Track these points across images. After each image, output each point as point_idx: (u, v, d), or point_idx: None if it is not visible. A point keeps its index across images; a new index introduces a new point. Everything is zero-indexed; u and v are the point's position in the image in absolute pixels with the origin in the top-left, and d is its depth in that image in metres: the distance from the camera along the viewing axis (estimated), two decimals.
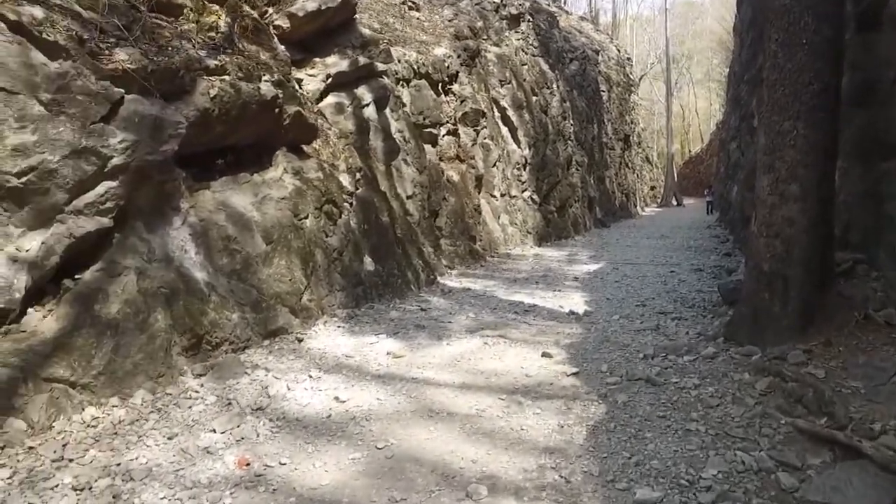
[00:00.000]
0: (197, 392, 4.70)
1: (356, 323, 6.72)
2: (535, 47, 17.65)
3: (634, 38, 50.70)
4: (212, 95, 5.72)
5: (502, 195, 14.61)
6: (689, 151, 63.24)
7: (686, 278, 9.95)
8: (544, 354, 5.52)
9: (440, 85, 12.50)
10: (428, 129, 11.70)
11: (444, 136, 12.44)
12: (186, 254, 5.49)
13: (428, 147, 11.71)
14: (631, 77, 33.93)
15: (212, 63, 5.92)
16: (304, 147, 7.50)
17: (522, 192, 15.64)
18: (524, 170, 15.77)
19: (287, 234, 6.47)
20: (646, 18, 61.14)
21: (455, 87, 13.08)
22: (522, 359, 5.48)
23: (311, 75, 8.73)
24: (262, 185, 6.52)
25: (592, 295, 8.68)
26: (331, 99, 8.90)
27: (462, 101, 13.12)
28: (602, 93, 24.84)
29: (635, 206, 30.88)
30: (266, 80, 6.40)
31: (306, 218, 6.84)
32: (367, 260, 7.86)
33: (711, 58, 53.33)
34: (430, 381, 4.99)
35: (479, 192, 13.37)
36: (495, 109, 14.86)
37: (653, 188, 41.38)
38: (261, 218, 6.30)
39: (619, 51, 31.40)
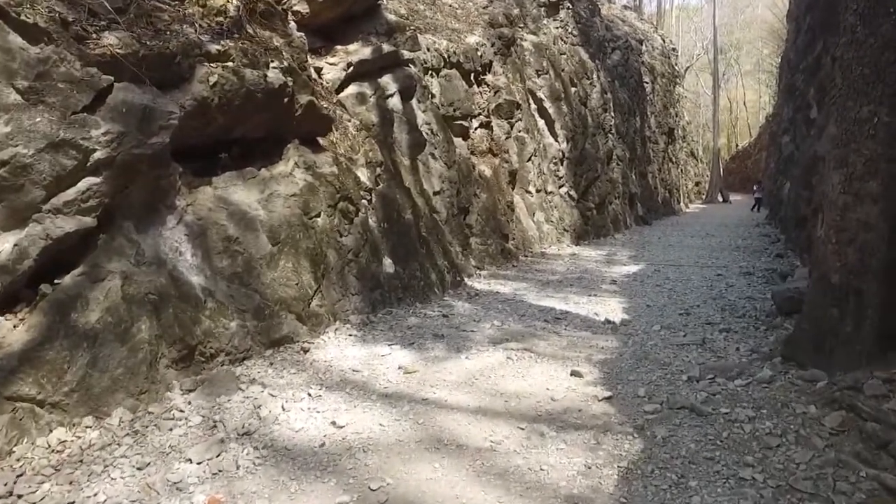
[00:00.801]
0: (181, 411, 4.23)
1: (370, 330, 6.20)
2: (575, 36, 16.85)
3: (680, 29, 49.02)
4: (211, 83, 5.25)
5: (538, 191, 13.92)
6: (736, 146, 61.11)
7: (735, 283, 9.14)
8: (574, 373, 4.89)
9: (472, 75, 11.89)
10: (458, 122, 11.10)
11: (475, 128, 11.84)
12: (181, 256, 5.04)
13: (458, 140, 11.13)
14: (676, 68, 32.63)
15: (213, 48, 5.45)
16: (320, 140, 7.01)
17: (559, 187, 14.92)
18: (561, 164, 15.04)
19: (296, 234, 5.98)
20: (692, 8, 59.23)
21: (488, 77, 12.45)
22: (549, 377, 4.87)
23: (331, 64, 8.23)
24: (270, 181, 6.04)
25: (631, 301, 7.97)
26: (352, 89, 8.39)
27: (496, 92, 12.48)
28: (645, 84, 23.81)
29: (679, 203, 29.70)
30: (274, 67, 5.91)
31: (318, 216, 6.34)
32: (387, 261, 7.34)
33: (762, 48, 51.24)
34: (443, 403, 4.42)
35: (512, 188, 12.73)
36: (531, 101, 14.17)
37: (697, 184, 39.91)
38: (267, 216, 5.82)
39: (664, 41, 30.17)
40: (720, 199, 38.49)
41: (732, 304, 7.61)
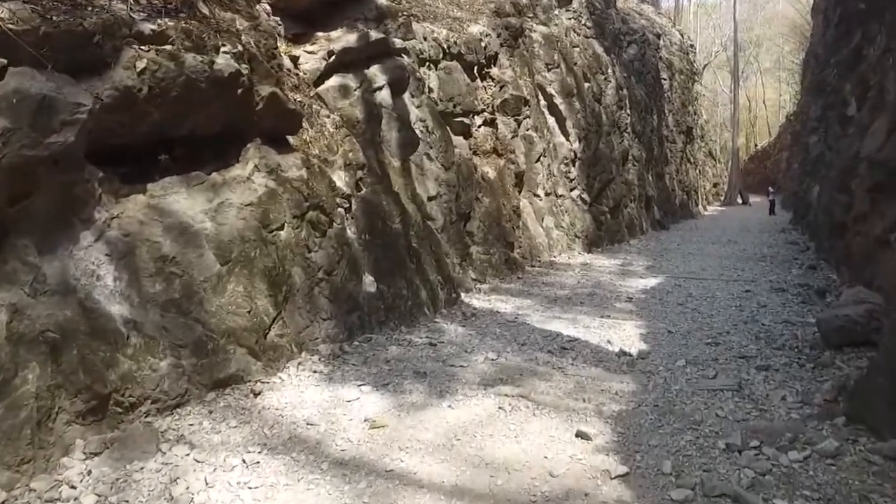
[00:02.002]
0: (73, 487, 3.29)
1: (340, 365, 5.23)
2: (589, 28, 15.78)
3: (698, 25, 47.65)
4: (139, 69, 4.30)
5: (547, 194, 12.89)
6: (756, 145, 59.55)
7: (767, 301, 8.07)
8: (580, 434, 3.89)
9: (476, 68, 10.89)
10: (459, 119, 10.11)
11: (478, 126, 10.83)
12: (99, 281, 4.11)
13: (458, 139, 10.13)
14: (694, 65, 31.40)
15: (147, 28, 4.50)
16: (290, 139, 6.06)
17: (570, 190, 13.88)
18: (573, 165, 13.99)
19: (250, 251, 5.02)
20: (710, 4, 57.70)
21: (494, 70, 11.44)
22: (548, 439, 3.87)
23: (309, 52, 7.27)
24: (222, 187, 5.09)
25: (649, 324, 6.94)
26: (334, 81, 7.43)
27: (501, 87, 11.47)
28: (663, 80, 22.66)
29: (697, 205, 28.51)
30: (226, 53, 4.95)
31: (280, 229, 5.39)
32: (368, 279, 6.37)
33: (782, 45, 49.63)
34: (411, 477, 3.45)
35: (519, 192, 11.72)
36: (540, 97, 13.14)
37: (716, 185, 38.64)
38: (215, 230, 4.87)
39: (682, 36, 28.96)
40: (739, 200, 37.17)
41: (768, 330, 6.56)
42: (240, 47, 5.09)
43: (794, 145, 30.40)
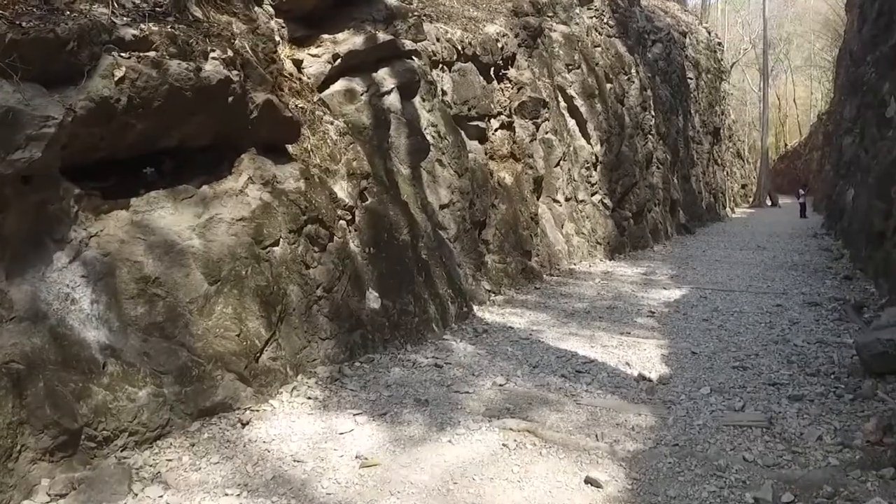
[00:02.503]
0: None
1: (338, 390, 4.91)
2: (611, 27, 15.29)
3: (726, 22, 46.61)
4: (117, 78, 4.02)
5: (567, 200, 12.48)
6: (785, 145, 58.15)
7: (799, 317, 7.58)
8: (589, 481, 3.51)
9: (492, 69, 10.52)
10: (474, 123, 9.76)
11: (495, 130, 10.47)
12: (74, 305, 3.84)
13: (473, 144, 9.78)
14: (722, 63, 30.59)
15: (128, 34, 4.22)
16: (290, 148, 5.75)
17: (592, 195, 13.44)
18: (594, 169, 13.55)
19: (242, 269, 4.72)
20: (739, 1, 56.46)
21: (511, 71, 11.05)
22: (555, 485, 3.50)
23: (313, 55, 6.98)
24: (212, 201, 4.80)
25: (672, 343, 6.52)
26: (339, 85, 7.13)
27: (519, 89, 11.08)
28: (689, 80, 22.01)
29: (724, 208, 27.75)
30: (215, 59, 4.65)
31: (275, 244, 5.08)
32: (371, 294, 6.05)
33: (814, 41, 48.34)
34: None
35: (537, 197, 11.32)
36: (560, 98, 12.72)
37: (744, 186, 37.71)
38: (203, 247, 4.58)
39: (709, 34, 28.18)
40: (768, 202, 36.23)
41: (800, 352, 6.09)
42: (230, 52, 4.79)
43: (827, 146, 29.47)
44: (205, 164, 5.03)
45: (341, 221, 5.89)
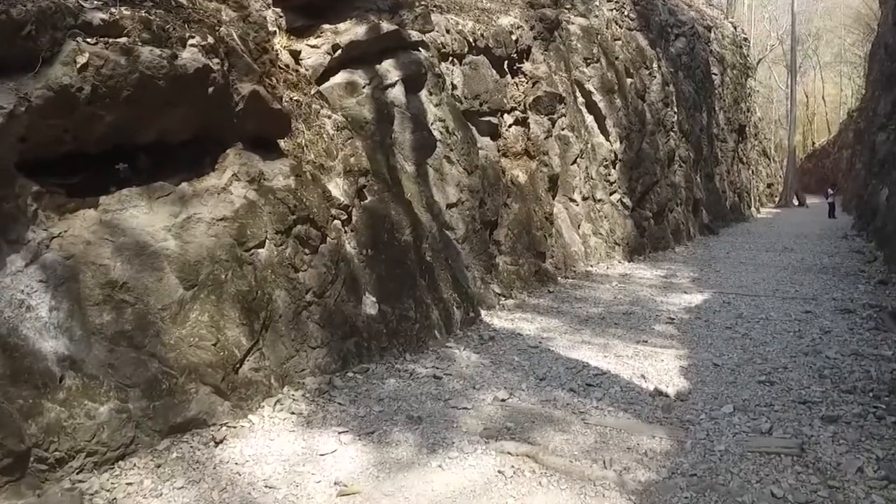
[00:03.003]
0: None
1: (325, 404, 4.54)
2: (633, 20, 14.75)
3: (752, 17, 45.43)
4: (79, 65, 3.69)
5: (584, 199, 11.99)
6: (813, 143, 56.76)
7: (831, 326, 7.05)
8: None
9: (506, 63, 10.09)
10: (486, 118, 9.34)
11: (509, 126, 10.04)
12: (29, 313, 3.51)
13: (486, 140, 9.37)
14: (748, 59, 29.72)
15: (96, 18, 3.90)
16: (281, 143, 5.40)
17: (610, 194, 12.92)
18: (613, 167, 13.03)
19: (221, 273, 4.37)
20: None
21: (526, 65, 10.60)
22: None
23: (312, 46, 6.62)
24: (192, 200, 4.46)
25: (692, 353, 6.05)
26: (340, 77, 6.76)
27: (534, 83, 10.62)
28: (714, 76, 21.31)
29: (749, 208, 26.94)
30: (193, 46, 4.30)
31: (260, 246, 4.73)
32: (368, 299, 5.67)
33: (844, 37, 47.04)
34: None
35: (553, 196, 10.85)
36: (578, 94, 12.23)
37: (770, 186, 36.67)
38: (179, 249, 4.24)
39: (735, 29, 27.36)
40: (795, 202, 35.21)
41: (834, 365, 5.59)
42: (211, 39, 4.44)
43: (858, 143, 28.51)
44: (186, 161, 4.68)
45: (336, 221, 5.52)
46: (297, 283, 4.97)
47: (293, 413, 4.35)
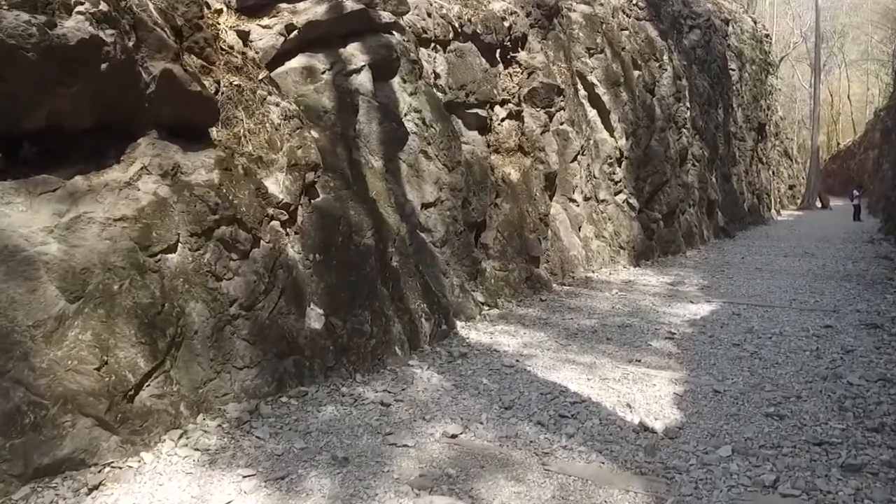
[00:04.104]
0: None
1: (240, 438, 3.83)
2: (641, 8, 13.90)
3: (775, 13, 44.11)
4: None
5: (586, 199, 11.19)
6: (838, 144, 55.11)
7: (854, 344, 6.19)
8: None
9: (498, 51, 9.34)
10: (473, 110, 8.59)
11: (501, 120, 9.28)
12: None
13: (473, 134, 8.63)
14: (770, 55, 28.59)
15: None
16: (214, 132, 4.71)
17: (615, 194, 12.10)
18: (618, 165, 12.20)
19: (114, 283, 3.68)
20: None
21: (521, 54, 9.83)
22: None
23: (264, 26, 5.92)
24: (84, 197, 3.77)
25: (690, 377, 5.24)
26: (297, 62, 6.07)
27: (530, 74, 9.85)
28: (731, 71, 20.33)
29: (769, 210, 25.83)
30: (81, 13, 3.60)
31: (169, 251, 4.03)
32: (314, 312, 4.95)
33: (871, 34, 45.53)
34: None
35: (550, 196, 10.07)
36: (580, 86, 11.43)
37: (791, 187, 35.45)
38: (63, 255, 3.55)
39: (755, 23, 26.29)
40: (818, 204, 33.94)
41: (857, 394, 4.75)
42: (105, 6, 3.73)
43: (885, 143, 27.27)
44: (86, 150, 4.00)
45: (273, 222, 4.81)
46: (219, 293, 4.27)
47: (198, 449, 3.64)
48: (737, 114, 20.77)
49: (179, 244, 4.09)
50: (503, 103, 9.28)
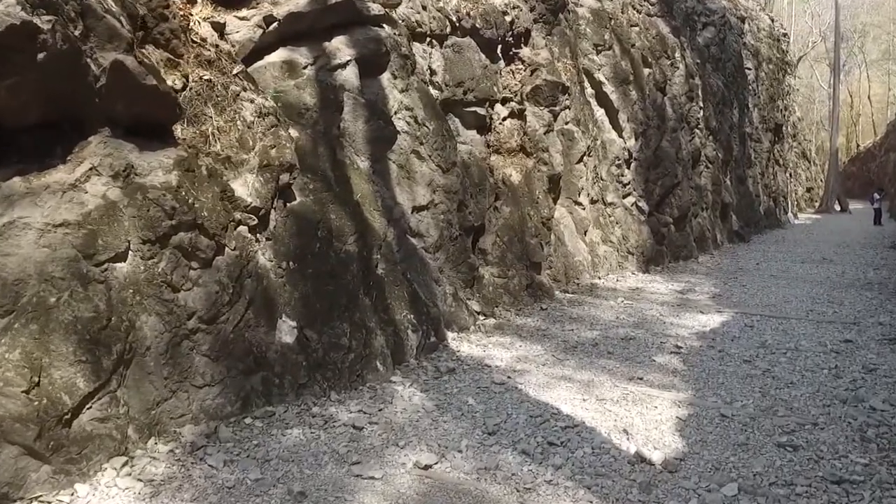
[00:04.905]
0: None
1: (192, 465, 3.47)
2: (652, 4, 13.43)
3: (793, 11, 43.22)
4: None
5: (592, 202, 10.75)
6: (857, 146, 53.97)
7: (876, 362, 5.73)
8: None
9: (499, 47, 8.95)
10: (472, 109, 8.21)
11: (503, 119, 8.88)
12: None
13: (471, 134, 8.27)
14: (787, 55, 27.90)
15: None
16: (179, 130, 4.37)
17: (623, 197, 11.63)
18: (627, 167, 11.74)
19: (50, 296, 3.33)
20: None
21: (524, 50, 9.43)
22: None
23: (241, 18, 5.58)
24: (21, 200, 3.44)
25: (696, 398, 4.82)
26: (276, 56, 5.71)
27: (533, 71, 9.44)
28: (747, 70, 19.75)
29: (786, 213, 25.18)
30: None
31: (118, 259, 3.68)
32: (286, 324, 4.59)
33: (893, 33, 44.60)
34: None
35: (554, 199, 9.65)
36: (587, 83, 11.00)
37: (809, 190, 34.68)
38: None
39: (772, 21, 25.64)
40: (837, 207, 33.16)
41: (880, 420, 4.31)
42: None
43: None
44: (28, 149, 3.67)
45: (241, 228, 4.45)
46: (176, 305, 3.91)
47: (141, 480, 3.29)
48: (752, 114, 20.19)
49: (130, 252, 3.74)
50: (504, 102, 8.88)
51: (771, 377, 5.30)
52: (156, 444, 3.64)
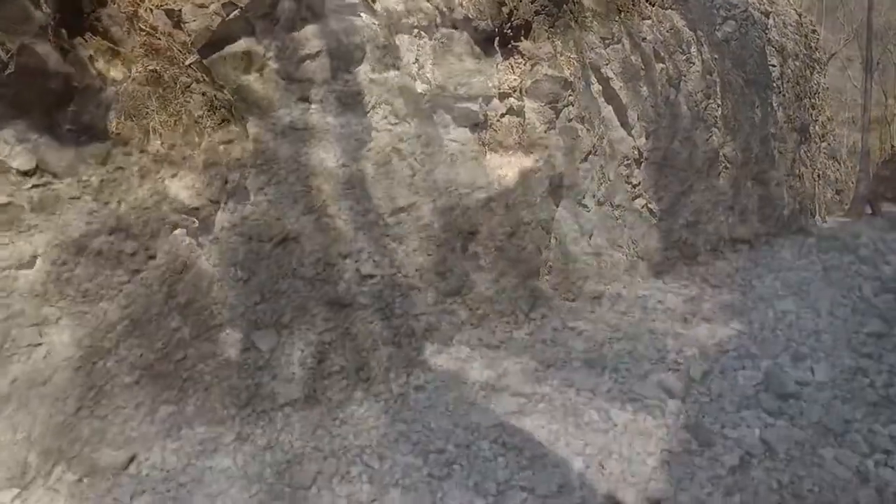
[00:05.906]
0: None
1: (98, 499, 3.05)
2: None
3: (823, 7, 41.91)
4: None
5: (599, 204, 10.18)
6: (891, 147, 52.14)
7: None
8: None
9: (496, 39, 8.44)
10: (463, 104, 7.72)
11: (500, 115, 8.38)
12: None
13: (462, 131, 7.76)
14: (816, 52, 26.86)
15: None
16: (114, 125, 3.97)
17: (633, 199, 11.02)
18: (637, 167, 11.13)
19: None
20: None
21: (524, 43, 8.90)
22: None
23: (199, 5, 5.17)
24: None
25: (692, 429, 4.28)
26: (238, 46, 5.28)
27: (533, 65, 8.92)
28: (771, 67, 18.91)
29: (812, 217, 24.17)
30: None
31: (23, 267, 3.29)
32: (231, 337, 4.19)
33: None
34: None
35: (555, 201, 9.13)
36: (593, 78, 10.42)
37: (838, 192, 33.39)
38: None
39: (800, 16, 24.66)
40: (868, 212, 31.89)
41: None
42: None
43: None
44: None
45: (178, 230, 4.04)
46: (93, 317, 3.51)
47: None
48: (777, 113, 19.34)
49: (38, 258, 3.35)
50: (501, 97, 8.38)
51: (786, 408, 4.73)
52: (64, 472, 3.25)
